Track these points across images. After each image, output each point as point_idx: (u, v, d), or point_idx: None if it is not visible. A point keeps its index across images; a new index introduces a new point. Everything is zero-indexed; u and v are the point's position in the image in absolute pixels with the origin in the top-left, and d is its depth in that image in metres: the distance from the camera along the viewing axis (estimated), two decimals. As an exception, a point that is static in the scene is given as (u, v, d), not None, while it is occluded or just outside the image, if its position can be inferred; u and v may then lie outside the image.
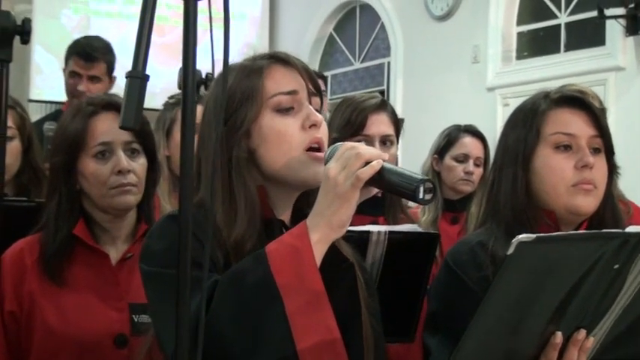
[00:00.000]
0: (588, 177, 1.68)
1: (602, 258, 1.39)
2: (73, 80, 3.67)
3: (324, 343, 1.32)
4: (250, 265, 1.34)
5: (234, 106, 1.48)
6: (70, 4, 7.91)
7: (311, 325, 1.31)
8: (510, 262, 1.29)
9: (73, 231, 1.91)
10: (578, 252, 1.37)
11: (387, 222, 2.29)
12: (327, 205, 1.35)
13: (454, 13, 6.83)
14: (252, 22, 8.75)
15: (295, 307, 1.30)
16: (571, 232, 1.37)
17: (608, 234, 1.42)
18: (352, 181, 1.33)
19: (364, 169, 1.33)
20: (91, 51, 3.66)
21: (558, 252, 1.35)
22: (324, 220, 1.35)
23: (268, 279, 1.31)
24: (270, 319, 1.30)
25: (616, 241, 1.39)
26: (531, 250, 1.30)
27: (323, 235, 1.35)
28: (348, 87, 8.19)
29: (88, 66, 3.66)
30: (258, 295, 1.31)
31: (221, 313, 1.30)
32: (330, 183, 1.35)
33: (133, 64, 1.10)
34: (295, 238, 1.35)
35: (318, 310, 1.32)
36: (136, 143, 1.94)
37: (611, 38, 5.63)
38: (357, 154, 1.34)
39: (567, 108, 1.74)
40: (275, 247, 1.35)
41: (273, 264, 1.32)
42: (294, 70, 1.52)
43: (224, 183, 1.46)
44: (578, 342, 1.48)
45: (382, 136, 2.27)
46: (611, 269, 1.41)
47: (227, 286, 1.33)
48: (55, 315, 1.87)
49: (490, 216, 1.77)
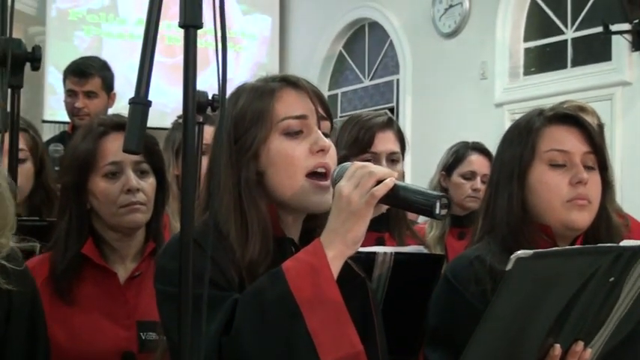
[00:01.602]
0: (582, 193, 1.71)
1: (598, 271, 1.41)
2: (70, 99, 3.74)
3: (348, 357, 1.34)
4: (268, 283, 1.36)
5: (245, 127, 1.50)
6: (83, 27, 7.99)
7: (334, 340, 1.33)
8: (509, 277, 1.32)
9: (81, 250, 1.94)
10: (575, 266, 1.40)
11: (393, 238, 2.32)
12: (341, 223, 1.38)
13: (462, 31, 6.87)
14: (262, 41, 8.81)
15: (317, 322, 1.32)
16: (567, 247, 1.40)
17: (603, 248, 1.46)
18: (367, 199, 1.36)
19: (379, 187, 1.37)
20: (84, 68, 3.72)
21: (555, 267, 1.38)
22: (339, 237, 1.38)
23: (288, 296, 1.33)
24: (293, 336, 1.32)
25: (611, 255, 1.42)
26: (529, 266, 1.32)
27: (338, 252, 1.38)
28: (358, 104, 8.23)
29: (82, 82, 3.72)
30: (279, 313, 1.33)
31: (244, 332, 1.32)
32: (344, 201, 1.38)
33: (136, 91, 1.13)
34: (311, 255, 1.38)
35: (340, 325, 1.34)
36: (145, 163, 1.98)
37: (617, 53, 5.65)
38: (369, 173, 1.38)
39: (561, 125, 1.78)
40: (292, 265, 1.37)
41: (291, 281, 1.34)
42: (305, 93, 1.53)
43: (235, 203, 1.48)
44: (577, 354, 1.50)
45: (389, 154, 2.28)
46: (607, 282, 1.44)
47: (247, 305, 1.35)
48: (64, 333, 1.89)
49: (487, 231, 1.80)
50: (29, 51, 1.67)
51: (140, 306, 1.94)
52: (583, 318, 1.47)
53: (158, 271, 1.49)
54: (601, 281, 1.43)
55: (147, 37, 1.15)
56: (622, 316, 1.52)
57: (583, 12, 6.10)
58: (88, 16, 8.01)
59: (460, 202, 3.27)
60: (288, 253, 1.45)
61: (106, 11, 8.06)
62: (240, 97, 1.53)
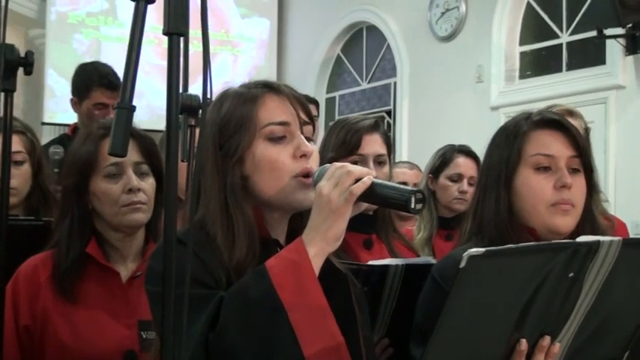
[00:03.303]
0: (566, 197, 1.74)
1: (556, 267, 1.43)
2: (99, 112, 3.66)
3: (329, 349, 1.37)
4: (252, 280, 1.39)
5: (229, 133, 1.54)
6: (82, 29, 8.01)
7: (316, 333, 1.37)
8: (463, 275, 1.34)
9: (85, 249, 1.97)
10: (530, 263, 1.42)
11: (380, 240, 2.36)
12: (321, 221, 1.42)
13: (458, 34, 6.90)
14: (260, 44, 8.83)
15: (299, 316, 1.36)
16: (520, 245, 1.41)
17: (557, 245, 1.48)
18: (346, 197, 1.40)
19: (357, 184, 1.41)
20: (114, 79, 3.66)
21: (509, 264, 1.40)
22: (320, 235, 1.42)
23: (271, 293, 1.36)
24: (276, 330, 1.35)
25: (566, 251, 1.44)
26: (482, 263, 1.34)
27: (319, 249, 1.42)
28: (356, 107, 8.25)
29: (115, 95, 3.64)
30: (263, 309, 1.36)
31: (229, 328, 1.36)
32: (324, 200, 1.42)
33: (121, 96, 1.17)
34: (293, 252, 1.42)
35: (321, 319, 1.38)
36: (145, 164, 2.02)
37: (612, 57, 5.67)
38: (347, 172, 1.43)
39: (547, 130, 1.81)
40: (275, 263, 1.41)
41: (274, 278, 1.38)
42: (286, 99, 1.56)
43: (221, 208, 1.51)
44: (544, 348, 1.52)
45: (376, 156, 2.32)
46: (567, 278, 1.46)
47: (232, 302, 1.38)
48: (67, 331, 1.93)
49: (475, 232, 1.83)
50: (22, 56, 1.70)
51: (141, 305, 1.93)
52: (546, 313, 1.49)
53: (148, 273, 1.52)
54: (560, 277, 1.45)
55: (132, 44, 1.19)
56: (587, 310, 1.53)
57: (578, 16, 6.13)
58: (87, 19, 8.03)
59: (447, 204, 3.30)
60: (273, 253, 1.48)
61: (105, 14, 8.08)
62: (224, 104, 1.56)
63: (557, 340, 1.54)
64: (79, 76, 3.75)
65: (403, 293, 1.95)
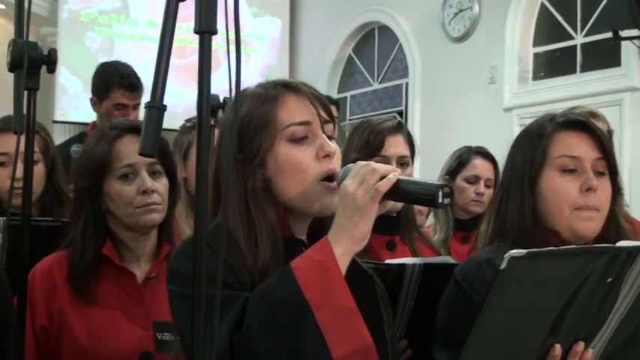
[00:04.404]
0: (591, 202, 1.73)
1: (594, 272, 1.42)
2: (119, 112, 3.66)
3: (358, 350, 1.35)
4: (277, 281, 1.38)
5: (250, 135, 1.51)
6: (94, 27, 8.02)
7: (344, 334, 1.35)
8: (503, 276, 1.33)
9: (101, 250, 1.97)
10: (570, 266, 1.41)
11: (403, 241, 2.36)
12: (347, 220, 1.40)
13: (471, 35, 6.88)
14: (272, 44, 8.83)
15: (326, 317, 1.34)
16: (561, 248, 1.40)
17: (597, 249, 1.48)
18: (372, 194, 1.39)
19: (382, 182, 1.39)
20: (135, 81, 3.68)
21: (550, 267, 1.39)
22: (346, 234, 1.40)
23: (297, 293, 1.35)
24: (303, 331, 1.33)
25: (606, 256, 1.43)
26: (523, 265, 1.33)
27: (345, 249, 1.39)
28: (367, 107, 8.24)
29: (134, 96, 3.68)
30: (289, 310, 1.34)
31: (254, 329, 1.34)
32: (349, 198, 1.40)
33: (152, 95, 1.15)
34: (319, 252, 1.39)
35: (349, 319, 1.36)
36: (158, 164, 2.01)
37: (627, 59, 5.65)
38: (372, 170, 1.41)
39: (572, 131, 1.79)
40: (300, 263, 1.39)
41: (300, 278, 1.36)
42: (306, 98, 1.54)
43: (242, 212, 1.49)
44: (577, 354, 1.51)
45: (399, 157, 2.32)
46: (604, 282, 1.45)
47: (257, 303, 1.36)
48: (83, 331, 1.92)
49: (497, 235, 1.82)
50: (45, 54, 1.69)
51: (156, 306, 1.96)
52: (582, 318, 1.48)
53: (170, 272, 1.50)
54: (598, 282, 1.44)
55: (163, 42, 1.16)
56: (622, 316, 1.52)
57: (593, 17, 6.10)
58: (100, 17, 8.04)
59: (464, 206, 3.28)
60: (298, 253, 1.47)
61: (117, 12, 8.09)
62: (242, 105, 1.53)
63: (591, 346, 1.53)
64: (100, 76, 3.75)
65: (421, 293, 1.94)
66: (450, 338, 1.71)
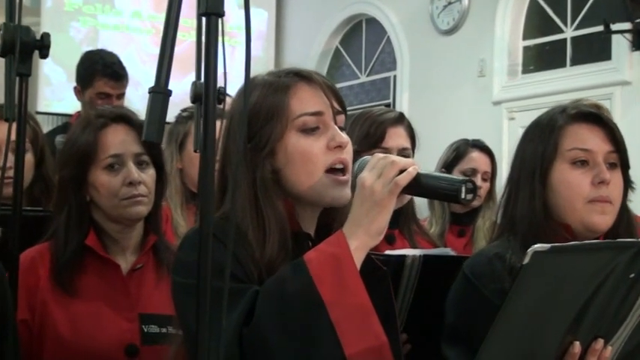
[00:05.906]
0: (604, 194, 1.71)
1: (617, 267, 1.40)
2: (103, 101, 3.64)
3: (372, 349, 1.33)
4: (290, 274, 1.35)
5: (260, 124, 1.48)
6: (79, 17, 7.93)
7: (358, 331, 1.32)
8: (526, 271, 1.31)
9: (84, 241, 1.93)
10: (593, 261, 1.39)
11: (403, 235, 2.34)
12: (364, 213, 1.37)
13: (460, 27, 6.85)
14: (258, 35, 8.78)
15: (340, 313, 1.31)
16: (585, 242, 1.39)
17: (622, 243, 1.45)
18: (390, 188, 1.36)
19: (402, 175, 1.37)
20: (119, 70, 3.68)
21: (573, 261, 1.37)
22: (362, 228, 1.37)
23: (310, 287, 1.32)
24: (315, 327, 1.31)
25: (630, 251, 1.41)
26: (546, 260, 1.32)
27: (361, 243, 1.37)
28: (354, 100, 8.20)
29: (118, 85, 3.68)
30: (302, 304, 1.32)
31: (264, 323, 1.31)
32: (367, 191, 1.37)
33: (156, 80, 1.12)
34: (334, 246, 1.36)
35: (364, 316, 1.33)
36: (145, 155, 1.98)
37: (617, 53, 5.64)
38: (391, 162, 1.38)
39: (584, 123, 1.77)
40: (314, 256, 1.36)
41: (313, 272, 1.33)
42: (319, 88, 1.52)
43: (251, 203, 1.46)
44: (597, 352, 1.49)
45: (400, 149, 2.30)
46: (627, 278, 1.43)
47: (268, 296, 1.33)
48: (66, 324, 1.89)
49: (507, 229, 1.79)
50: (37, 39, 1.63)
51: (142, 298, 1.94)
52: (603, 315, 1.46)
53: (176, 263, 1.47)
54: (621, 277, 1.42)
55: (167, 26, 1.15)
56: None
57: (583, 10, 6.09)
58: (84, 7, 7.96)
59: None
60: (305, 247, 1.44)
61: (102, 2, 8.01)
62: (253, 93, 1.50)
63: (610, 344, 1.51)
64: (84, 64, 3.73)
65: (420, 286, 1.90)
66: (459, 334, 1.69)
